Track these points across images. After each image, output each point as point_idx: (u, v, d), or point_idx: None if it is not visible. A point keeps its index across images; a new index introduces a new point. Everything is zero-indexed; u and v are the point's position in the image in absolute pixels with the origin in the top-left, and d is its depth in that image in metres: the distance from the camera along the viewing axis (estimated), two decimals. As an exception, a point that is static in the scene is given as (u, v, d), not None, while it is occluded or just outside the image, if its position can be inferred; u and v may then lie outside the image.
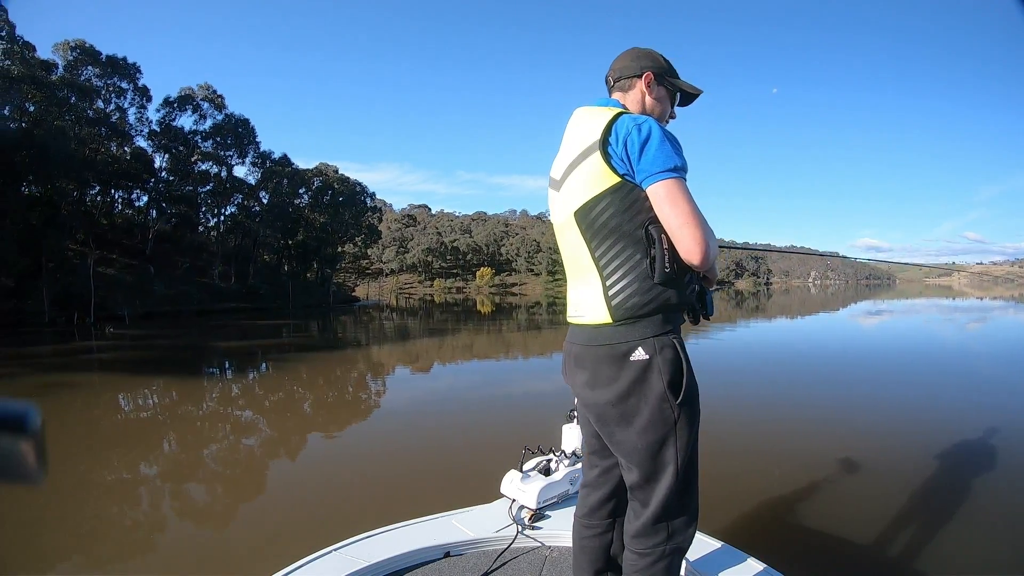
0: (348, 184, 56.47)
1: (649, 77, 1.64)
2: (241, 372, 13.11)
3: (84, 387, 10.94)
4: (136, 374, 12.61)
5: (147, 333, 22.06)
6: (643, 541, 1.52)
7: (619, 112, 1.49)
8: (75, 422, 8.00)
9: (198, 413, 8.65)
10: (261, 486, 5.54)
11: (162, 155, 40.77)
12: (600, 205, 1.46)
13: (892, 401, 8.12)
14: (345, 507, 4.64)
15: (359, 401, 9.75)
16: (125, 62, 36.51)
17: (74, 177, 30.13)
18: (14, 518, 4.43)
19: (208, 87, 43.33)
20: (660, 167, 1.39)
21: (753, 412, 7.45)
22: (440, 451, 6.17)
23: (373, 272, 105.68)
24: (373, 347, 18.28)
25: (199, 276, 39.12)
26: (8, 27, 27.95)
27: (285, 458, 6.41)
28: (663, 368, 1.43)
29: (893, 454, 5.53)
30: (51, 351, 17.08)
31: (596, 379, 1.51)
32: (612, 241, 1.46)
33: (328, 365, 14.11)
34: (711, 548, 2.23)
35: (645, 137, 1.41)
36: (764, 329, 22.18)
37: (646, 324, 1.45)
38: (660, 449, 1.47)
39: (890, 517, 3.97)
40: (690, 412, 1.48)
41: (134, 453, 6.59)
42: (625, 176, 1.43)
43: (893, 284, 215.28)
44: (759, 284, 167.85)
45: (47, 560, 3.94)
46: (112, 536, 4.36)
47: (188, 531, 4.42)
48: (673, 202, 1.38)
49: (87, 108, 33.01)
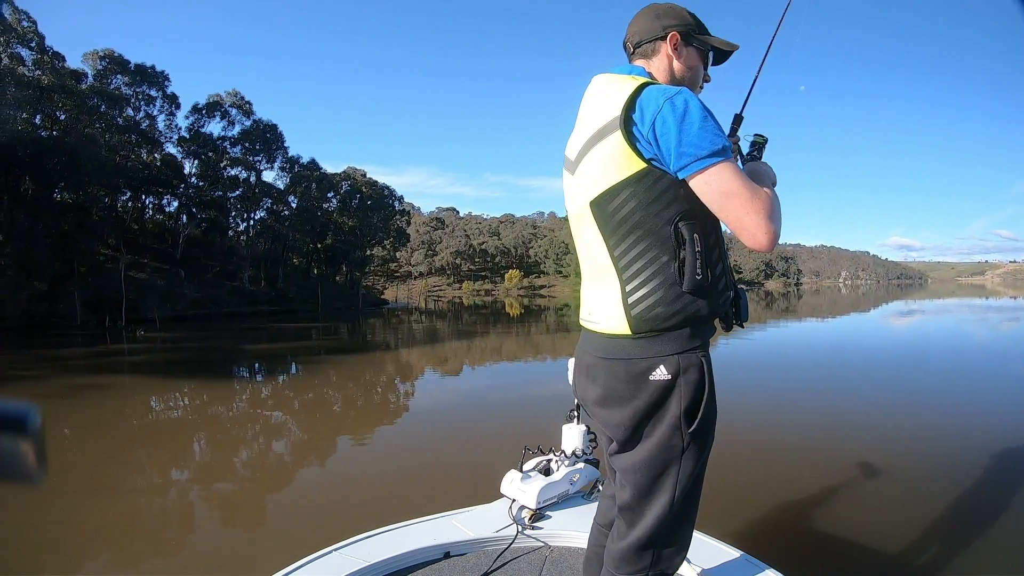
0: (376, 188, 56.55)
1: (675, 38, 1.40)
2: (270, 374, 13.15)
3: (115, 389, 11.00)
4: (166, 376, 12.72)
5: (177, 336, 22.25)
6: (625, 565, 1.39)
7: (645, 82, 1.27)
8: (106, 423, 8.10)
9: (227, 414, 8.66)
10: (279, 485, 5.56)
11: (192, 161, 41.22)
12: (621, 196, 1.26)
13: (924, 405, 7.85)
14: (350, 505, 4.69)
15: (386, 404, 9.70)
16: (153, 70, 37.02)
17: (105, 183, 30.53)
18: (44, 518, 4.47)
19: (236, 93, 43.63)
20: (708, 150, 1.16)
21: (783, 416, 7.34)
22: (448, 451, 6.27)
23: (402, 275, 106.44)
24: (401, 350, 18.33)
25: (229, 280, 39.34)
26: (38, 38, 28.47)
27: (310, 458, 6.47)
28: (684, 392, 1.27)
29: (926, 461, 5.36)
30: (82, 353, 17.25)
31: (609, 397, 1.36)
32: (635, 238, 1.27)
33: (353, 368, 14.06)
34: (729, 557, 2.15)
35: (681, 115, 1.18)
36: (794, 331, 21.82)
37: (670, 338, 1.27)
38: (660, 476, 1.33)
39: (921, 529, 3.82)
40: (702, 442, 1.32)
41: (162, 453, 6.64)
42: (652, 162, 1.23)
43: (924, 284, 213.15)
44: (789, 285, 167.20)
45: (77, 559, 3.99)
46: (139, 533, 4.40)
47: (212, 530, 4.48)
48: (729, 191, 1.17)
49: (117, 116, 33.45)
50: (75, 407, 8.97)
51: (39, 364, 14.43)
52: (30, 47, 27.88)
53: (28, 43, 27.76)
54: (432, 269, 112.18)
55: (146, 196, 39.55)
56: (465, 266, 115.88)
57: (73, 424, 7.96)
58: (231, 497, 5.25)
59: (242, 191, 43.73)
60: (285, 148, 46.52)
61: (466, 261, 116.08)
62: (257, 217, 46.26)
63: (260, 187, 45.00)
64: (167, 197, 40.66)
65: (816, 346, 16.49)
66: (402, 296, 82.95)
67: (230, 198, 43.33)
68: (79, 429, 7.79)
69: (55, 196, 28.66)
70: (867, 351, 14.96)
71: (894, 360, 12.84)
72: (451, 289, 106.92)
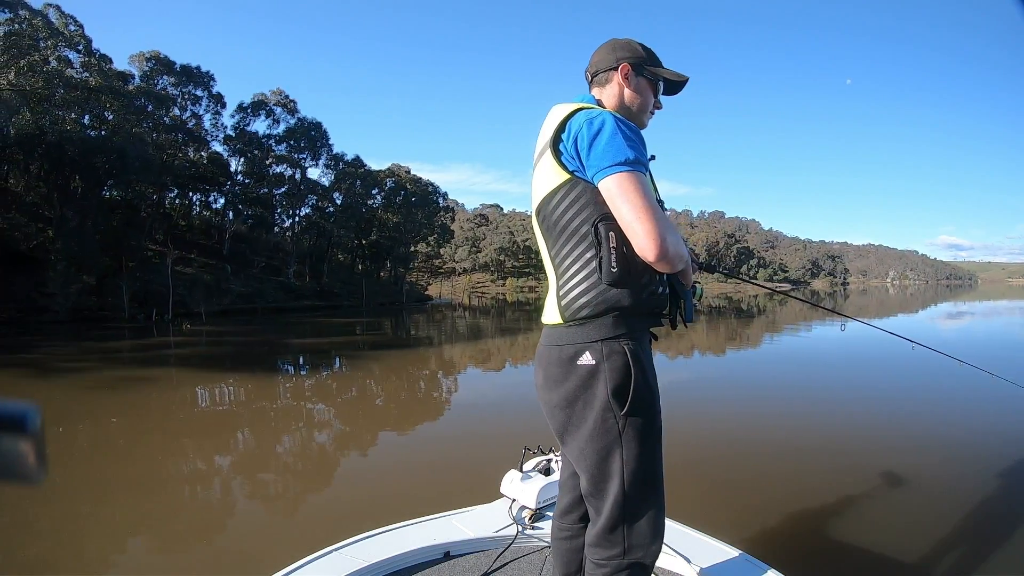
0: (420, 184, 56.34)
1: (626, 68, 1.55)
2: (315, 368, 13.28)
3: (161, 381, 11.23)
4: (211, 369, 12.91)
5: (223, 329, 22.47)
6: (599, 551, 1.45)
7: (578, 108, 1.43)
8: (152, 414, 8.31)
9: (271, 407, 8.76)
10: (320, 476, 5.68)
11: (238, 159, 41.92)
12: (552, 203, 1.44)
13: (954, 412, 7.51)
14: (355, 503, 4.75)
15: (428, 399, 9.73)
16: (199, 71, 37.70)
17: (153, 181, 31.17)
18: (79, 511, 4.56)
19: (280, 92, 44.14)
20: (610, 161, 1.31)
21: (808, 417, 7.32)
22: (457, 451, 6.27)
23: (446, 271, 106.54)
24: (443, 346, 18.27)
25: (275, 275, 39.76)
26: (85, 41, 29.11)
27: (352, 451, 6.60)
28: (609, 375, 1.37)
29: (944, 471, 5.18)
30: (130, 346, 17.64)
31: (547, 380, 1.48)
32: (564, 239, 1.43)
33: (394, 362, 14.08)
34: (728, 556, 2.16)
35: (596, 131, 1.34)
36: (834, 332, 20.87)
37: (594, 326, 1.39)
38: (605, 459, 1.39)
39: (930, 534, 3.77)
40: (641, 424, 1.39)
41: (207, 444, 6.82)
42: (575, 173, 1.39)
43: (974, 284, 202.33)
44: (836, 284, 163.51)
45: (119, 542, 4.13)
46: (176, 520, 4.51)
47: (242, 522, 4.54)
48: (624, 196, 1.30)
49: (164, 115, 34.10)
50: (123, 399, 9.19)
51: (88, 356, 14.59)
52: (77, 50, 28.49)
53: (75, 46, 28.38)
54: (476, 265, 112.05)
55: (193, 193, 40.49)
56: (509, 263, 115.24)
57: (120, 414, 8.18)
58: (265, 489, 5.32)
59: (287, 188, 44.24)
60: (330, 145, 46.84)
61: (510, 258, 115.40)
62: (302, 213, 46.75)
63: (305, 184, 45.40)
64: (214, 194, 41.56)
65: (855, 347, 15.95)
66: (446, 292, 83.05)
67: (276, 195, 43.87)
68: (127, 419, 7.95)
69: (104, 193, 29.37)
70: (905, 355, 14.17)
71: (930, 363, 12.18)
72: (495, 285, 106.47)
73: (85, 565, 3.73)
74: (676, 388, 9.38)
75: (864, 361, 12.67)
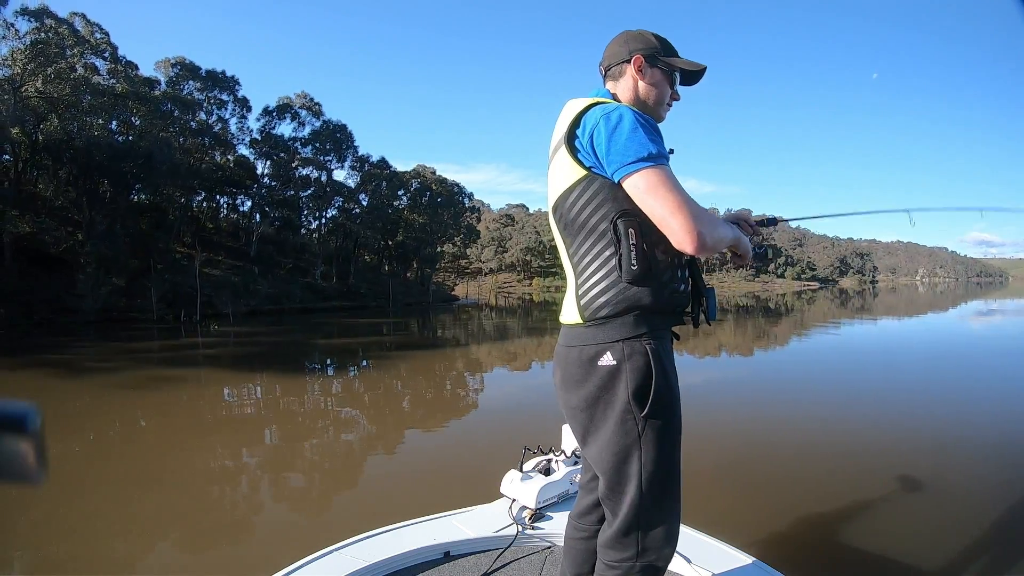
0: (446, 185, 56.21)
1: (639, 60, 1.51)
2: (341, 368, 13.40)
3: (190, 380, 11.35)
4: (240, 369, 13.04)
5: (251, 330, 22.54)
6: (612, 553, 1.44)
7: (593, 102, 1.41)
8: (181, 413, 8.36)
9: (299, 407, 8.80)
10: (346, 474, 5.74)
11: (264, 162, 42.16)
12: (569, 200, 1.40)
13: (981, 414, 7.42)
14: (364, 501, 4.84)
15: (454, 398, 9.83)
16: (224, 75, 37.87)
17: (180, 184, 31.49)
18: (107, 509, 4.59)
19: (305, 95, 44.34)
20: (633, 157, 1.28)
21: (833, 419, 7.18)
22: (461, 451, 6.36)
23: (472, 271, 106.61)
24: (470, 346, 18.49)
25: (302, 276, 39.86)
26: (111, 48, 29.53)
27: (379, 451, 6.61)
28: (630, 376, 1.34)
29: (971, 471, 5.12)
30: (159, 346, 17.87)
31: (567, 380, 1.46)
32: (583, 237, 1.40)
33: (420, 363, 14.13)
34: (740, 563, 2.14)
35: (613, 126, 1.31)
36: (862, 331, 20.94)
37: (616, 326, 1.36)
38: (624, 462, 1.37)
39: (962, 546, 3.65)
40: (661, 426, 1.37)
41: (234, 441, 6.90)
42: (592, 169, 1.36)
43: (1005, 282, 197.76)
44: (864, 282, 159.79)
45: (148, 540, 4.16)
46: (205, 518, 4.55)
47: (281, 515, 4.61)
48: (653, 193, 1.27)
49: (190, 120, 34.46)
50: (152, 398, 9.27)
51: (117, 356, 14.74)
52: (103, 57, 28.96)
53: (102, 54, 28.83)
54: (502, 266, 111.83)
55: (220, 196, 40.85)
56: (535, 262, 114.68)
57: (149, 414, 8.27)
58: (287, 488, 5.35)
59: (314, 190, 44.35)
60: (355, 147, 46.85)
61: (536, 258, 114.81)
62: (329, 215, 46.81)
63: (331, 186, 45.46)
64: (241, 197, 41.88)
65: (884, 347, 15.93)
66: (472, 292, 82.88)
67: (302, 197, 44.01)
68: (156, 418, 8.04)
69: (132, 197, 29.76)
70: (934, 355, 14.26)
71: (958, 364, 12.44)
72: (521, 285, 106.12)
73: (113, 564, 3.72)
74: (700, 389, 9.25)
75: (894, 362, 12.47)
